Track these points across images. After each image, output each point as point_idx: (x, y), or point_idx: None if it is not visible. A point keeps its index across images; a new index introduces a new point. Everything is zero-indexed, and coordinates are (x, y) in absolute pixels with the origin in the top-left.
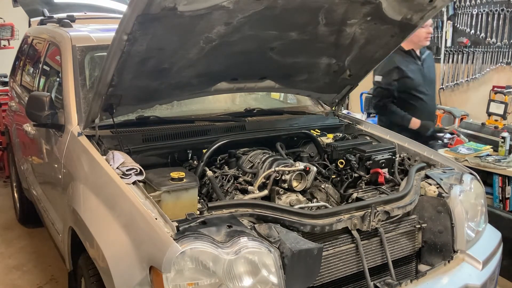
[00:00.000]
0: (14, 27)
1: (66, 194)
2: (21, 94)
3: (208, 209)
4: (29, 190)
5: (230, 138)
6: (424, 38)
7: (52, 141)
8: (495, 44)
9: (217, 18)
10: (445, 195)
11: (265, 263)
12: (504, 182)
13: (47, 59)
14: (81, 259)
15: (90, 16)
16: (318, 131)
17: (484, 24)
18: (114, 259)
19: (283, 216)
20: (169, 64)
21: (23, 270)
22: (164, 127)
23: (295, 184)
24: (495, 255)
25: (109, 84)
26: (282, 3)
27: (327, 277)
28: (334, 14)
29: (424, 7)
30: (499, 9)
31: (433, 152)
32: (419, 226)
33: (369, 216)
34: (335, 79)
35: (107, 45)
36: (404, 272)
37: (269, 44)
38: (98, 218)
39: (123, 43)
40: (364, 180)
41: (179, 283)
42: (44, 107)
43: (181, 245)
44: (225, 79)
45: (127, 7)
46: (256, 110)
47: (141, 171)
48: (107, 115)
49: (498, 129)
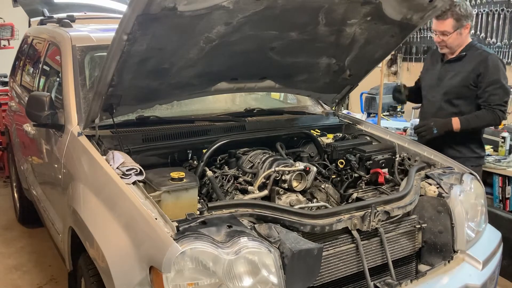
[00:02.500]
0: (14, 27)
1: (66, 194)
2: (21, 94)
3: (208, 209)
4: (29, 190)
5: (230, 138)
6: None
7: (52, 141)
8: (495, 44)
9: (217, 18)
10: (445, 195)
11: (265, 263)
12: (504, 182)
13: (47, 59)
14: (81, 259)
15: (90, 16)
16: (318, 131)
17: (484, 24)
18: (114, 259)
19: (283, 216)
20: (169, 64)
21: (23, 270)
22: (164, 127)
23: (295, 184)
24: (495, 255)
25: (109, 84)
26: (282, 3)
27: (327, 277)
28: (334, 14)
29: (424, 7)
30: (499, 9)
31: (433, 152)
32: (419, 226)
33: (369, 216)
34: (335, 79)
35: (107, 45)
36: (404, 272)
37: (269, 44)
38: (98, 218)
39: (123, 43)
40: (364, 180)
41: (179, 283)
42: (44, 107)
43: (181, 245)
44: (225, 79)
45: (127, 7)
46: (256, 110)
47: (141, 171)
48: (107, 115)
49: (498, 129)
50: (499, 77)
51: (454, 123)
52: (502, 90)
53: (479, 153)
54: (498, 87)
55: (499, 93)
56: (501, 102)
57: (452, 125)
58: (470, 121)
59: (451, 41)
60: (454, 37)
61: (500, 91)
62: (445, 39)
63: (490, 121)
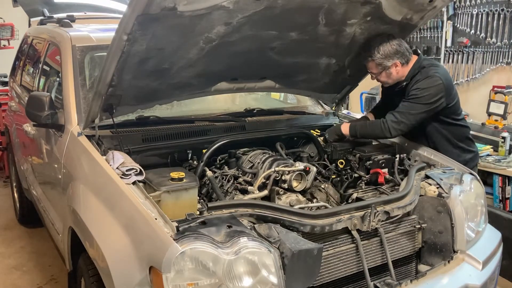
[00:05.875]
0: (14, 27)
1: (66, 194)
2: (21, 94)
3: (208, 209)
4: (29, 190)
5: (230, 138)
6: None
7: (52, 141)
8: (495, 44)
9: (217, 18)
10: (445, 195)
11: (265, 263)
12: (504, 182)
13: (47, 59)
14: (81, 259)
15: (90, 16)
16: (318, 131)
17: (484, 24)
18: (114, 259)
19: (283, 216)
20: (169, 64)
21: (23, 270)
22: (164, 127)
23: (295, 184)
24: (495, 255)
25: (109, 84)
26: (282, 3)
27: (327, 277)
28: (334, 14)
29: (424, 7)
30: (499, 9)
31: (433, 152)
32: (419, 226)
33: (369, 216)
34: (335, 79)
35: (107, 45)
36: (404, 272)
37: (269, 44)
38: (98, 218)
39: (123, 43)
40: (364, 180)
41: (179, 283)
42: (44, 107)
43: (181, 245)
44: (225, 79)
45: (127, 7)
46: (256, 110)
47: (141, 171)
48: (107, 115)
49: (498, 129)
50: (421, 92)
51: (343, 128)
52: (410, 105)
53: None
54: (411, 98)
55: (406, 105)
56: (400, 116)
57: (341, 130)
58: (357, 128)
59: (384, 79)
60: (384, 75)
61: (408, 104)
62: (377, 78)
63: (379, 133)
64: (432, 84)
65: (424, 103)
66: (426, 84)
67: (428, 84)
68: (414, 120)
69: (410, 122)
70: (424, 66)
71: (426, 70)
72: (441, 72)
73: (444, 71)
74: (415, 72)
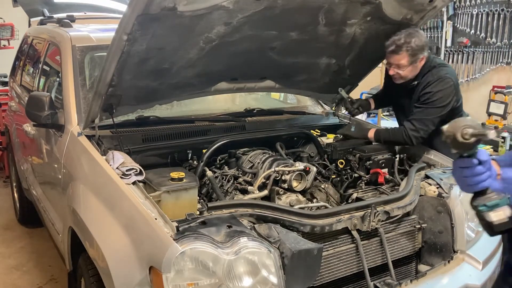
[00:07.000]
0: (14, 27)
1: (66, 194)
2: (21, 94)
3: (208, 209)
4: (29, 190)
5: (230, 138)
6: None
7: (52, 141)
8: (495, 44)
9: (217, 18)
10: (445, 195)
11: (265, 263)
12: None
13: (47, 59)
14: (81, 259)
15: (90, 16)
16: (318, 131)
17: (484, 24)
18: (114, 259)
19: (283, 216)
20: (169, 64)
21: (23, 270)
22: (164, 127)
23: (295, 184)
24: (495, 255)
25: (109, 84)
26: (282, 3)
27: (327, 277)
28: (334, 14)
29: (424, 7)
30: (499, 9)
31: (433, 152)
32: (419, 226)
33: (369, 216)
34: (335, 79)
35: (107, 45)
36: (404, 272)
37: (269, 44)
38: (98, 218)
39: (123, 43)
40: (364, 180)
41: (179, 283)
42: (44, 107)
43: (181, 245)
44: (225, 79)
45: (127, 7)
46: (256, 110)
47: (141, 171)
48: (107, 115)
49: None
50: (434, 96)
51: (369, 133)
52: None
53: None
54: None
55: (421, 111)
56: (418, 124)
57: (368, 134)
58: (381, 134)
59: (406, 73)
60: (409, 69)
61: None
62: (400, 71)
63: (401, 141)
64: (444, 86)
65: (438, 107)
66: (439, 87)
67: (441, 87)
68: (432, 124)
69: (428, 128)
70: (434, 65)
71: (437, 70)
72: (451, 72)
73: (452, 71)
74: (425, 71)
